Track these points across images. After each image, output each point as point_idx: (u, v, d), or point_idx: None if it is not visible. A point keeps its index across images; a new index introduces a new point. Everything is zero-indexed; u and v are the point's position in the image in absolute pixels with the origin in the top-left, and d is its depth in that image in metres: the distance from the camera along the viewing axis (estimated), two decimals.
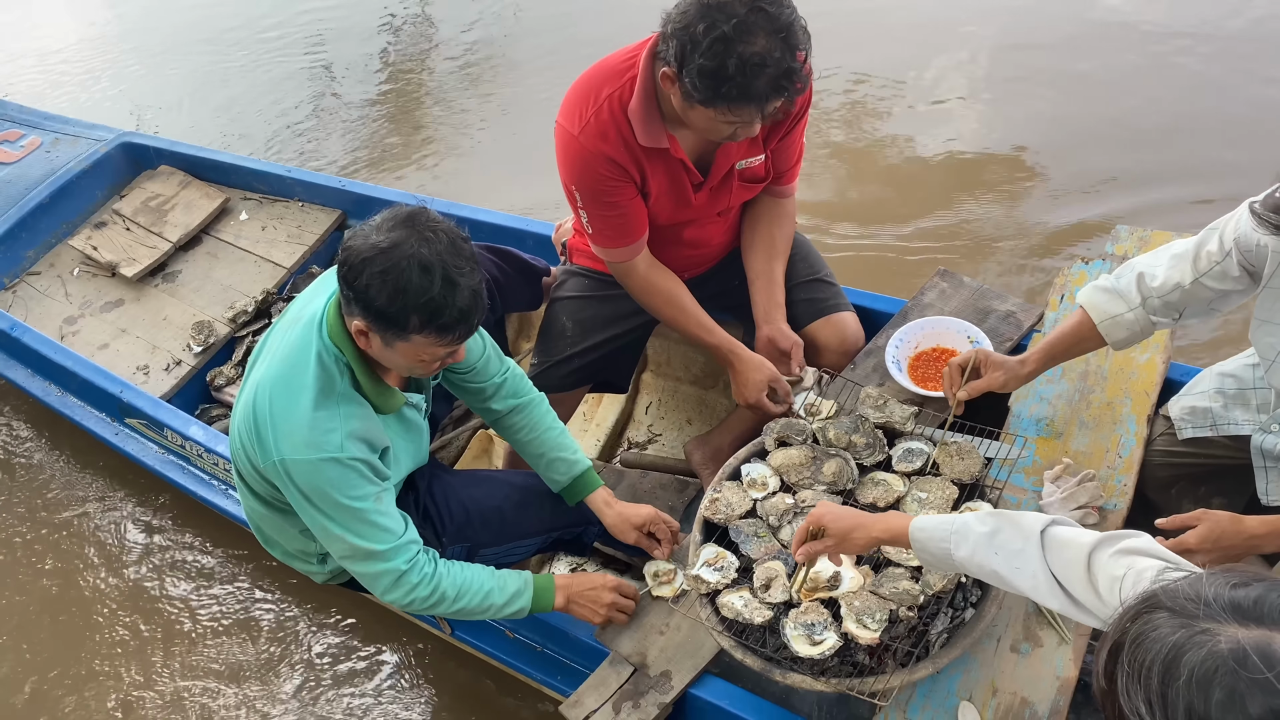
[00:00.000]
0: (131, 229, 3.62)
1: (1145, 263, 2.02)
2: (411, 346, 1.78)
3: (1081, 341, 2.08)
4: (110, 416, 3.11)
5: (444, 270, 1.70)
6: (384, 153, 5.01)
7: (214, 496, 2.90)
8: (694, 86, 1.95)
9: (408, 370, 1.90)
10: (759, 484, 2.11)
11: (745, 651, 1.87)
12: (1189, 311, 2.00)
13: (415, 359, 1.82)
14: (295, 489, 1.87)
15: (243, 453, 1.98)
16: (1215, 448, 2.15)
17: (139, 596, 3.10)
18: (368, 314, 1.74)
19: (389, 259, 1.69)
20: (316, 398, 1.83)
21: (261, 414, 1.86)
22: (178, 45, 6.11)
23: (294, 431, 1.82)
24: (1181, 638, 0.96)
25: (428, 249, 1.70)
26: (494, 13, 5.89)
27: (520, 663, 2.38)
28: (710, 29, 1.89)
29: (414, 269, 1.69)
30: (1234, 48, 4.54)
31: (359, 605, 2.97)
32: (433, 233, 1.73)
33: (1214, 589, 0.98)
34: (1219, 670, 0.93)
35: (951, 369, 2.13)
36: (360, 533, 1.89)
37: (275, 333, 2.00)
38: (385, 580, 1.95)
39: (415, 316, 1.72)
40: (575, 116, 2.20)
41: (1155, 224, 2.68)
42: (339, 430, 1.83)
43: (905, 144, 4.42)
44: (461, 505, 2.22)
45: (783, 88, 1.94)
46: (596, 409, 3.34)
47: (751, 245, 2.48)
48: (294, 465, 1.83)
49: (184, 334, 3.32)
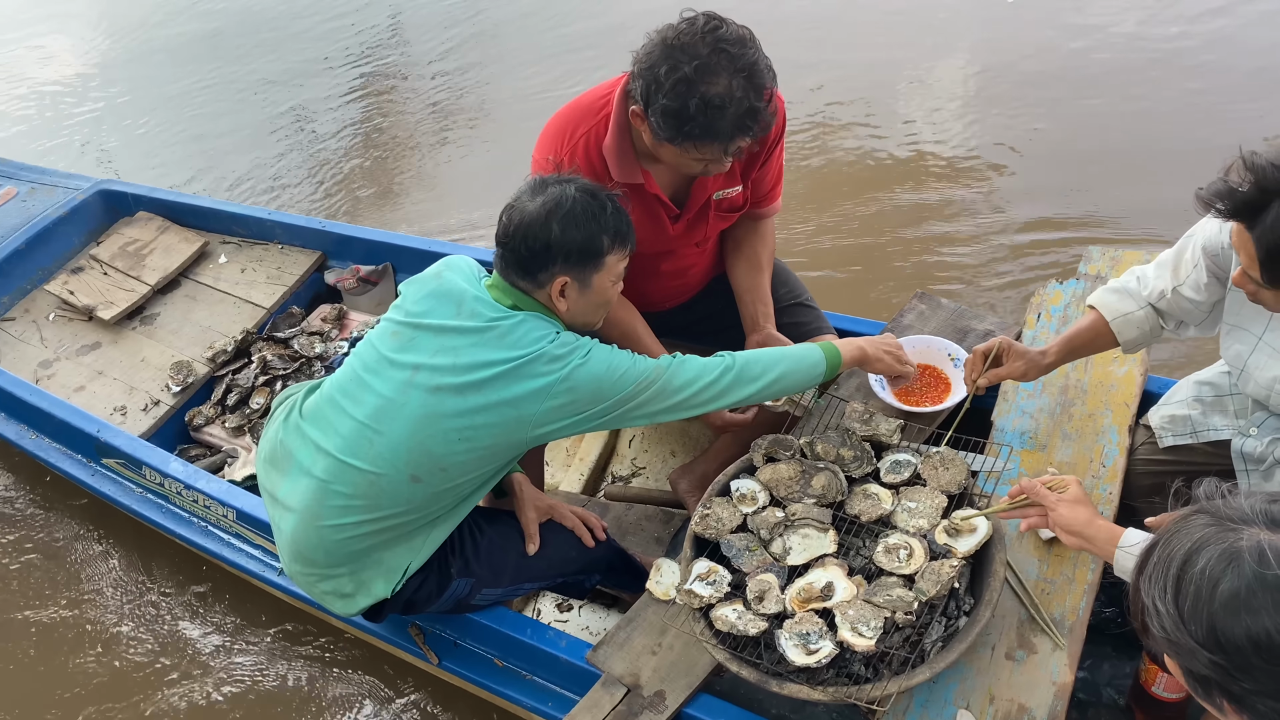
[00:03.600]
0: (109, 273, 3.61)
1: (1141, 269, 2.08)
2: (604, 273, 2.00)
3: (1097, 338, 2.12)
4: (86, 457, 3.06)
5: (604, 193, 1.99)
6: (360, 191, 5.04)
7: (194, 535, 2.85)
8: (659, 125, 2.00)
9: (599, 310, 2.09)
10: (749, 499, 2.10)
11: (741, 664, 1.85)
12: (1187, 322, 2.04)
13: (606, 286, 2.03)
14: (582, 386, 1.94)
15: (467, 430, 1.97)
16: (1196, 454, 2.18)
17: (114, 637, 3.03)
18: (568, 261, 1.95)
19: (563, 206, 1.94)
20: (545, 333, 1.96)
21: (521, 366, 1.92)
22: (142, 85, 6.15)
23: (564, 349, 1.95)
24: (1210, 534, 0.99)
25: (582, 185, 1.98)
26: (468, 43, 5.98)
27: (511, 691, 2.33)
28: (672, 70, 1.93)
29: (588, 200, 1.95)
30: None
31: (343, 644, 2.91)
32: (569, 180, 2.00)
33: (1253, 502, 1.02)
34: (1234, 563, 0.96)
35: (975, 355, 2.15)
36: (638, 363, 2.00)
37: (421, 342, 2.01)
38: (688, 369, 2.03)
39: (605, 237, 1.96)
40: (550, 153, 2.23)
41: (1128, 240, 2.73)
42: (582, 338, 2.00)
43: (873, 162, 4.50)
44: (474, 539, 2.22)
45: (746, 127, 1.98)
46: (579, 444, 3.33)
47: (735, 264, 2.51)
48: (580, 369, 1.93)
49: (162, 375, 3.29)
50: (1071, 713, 1.93)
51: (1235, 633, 0.97)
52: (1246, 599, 0.96)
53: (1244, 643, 0.97)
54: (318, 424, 2.09)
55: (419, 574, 2.13)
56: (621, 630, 2.12)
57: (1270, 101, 4.33)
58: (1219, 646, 0.99)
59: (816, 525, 2.02)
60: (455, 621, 2.38)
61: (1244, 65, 4.59)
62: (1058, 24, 5.13)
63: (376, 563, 2.10)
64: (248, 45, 6.35)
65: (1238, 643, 0.98)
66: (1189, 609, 0.99)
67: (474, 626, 2.34)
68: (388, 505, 2.03)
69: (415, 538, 2.10)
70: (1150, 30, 4.96)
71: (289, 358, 3.30)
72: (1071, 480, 1.79)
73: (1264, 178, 1.52)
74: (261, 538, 2.67)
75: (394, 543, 2.09)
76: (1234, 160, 1.56)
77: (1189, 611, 1.00)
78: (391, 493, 2.01)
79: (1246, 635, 0.97)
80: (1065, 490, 1.77)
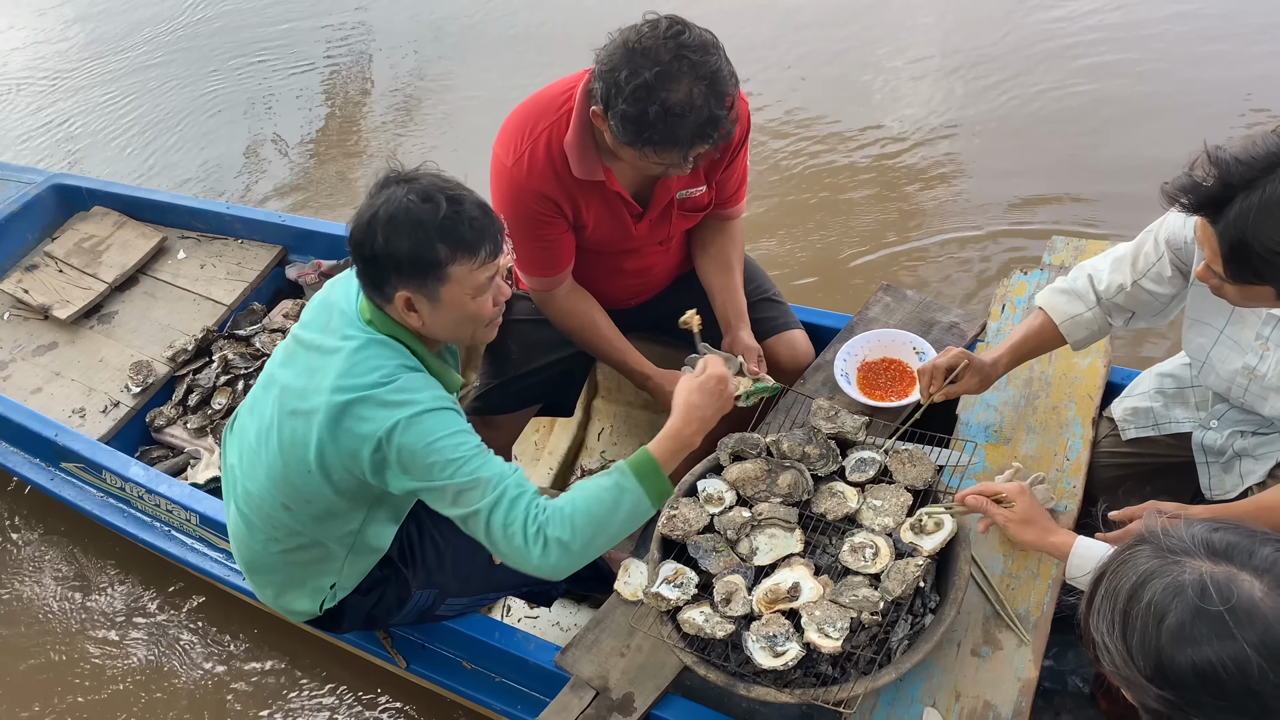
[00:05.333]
0: (64, 271, 3.53)
1: (1093, 265, 2.07)
2: (454, 286, 1.77)
3: (1045, 342, 2.13)
4: (45, 461, 3.00)
5: (444, 192, 1.75)
6: (320, 186, 4.97)
7: (156, 539, 2.81)
8: (619, 129, 1.97)
9: (465, 325, 1.86)
10: (715, 499, 2.10)
11: (708, 667, 1.85)
12: (1139, 314, 2.05)
13: (464, 302, 1.80)
14: (395, 457, 1.76)
15: (316, 464, 1.83)
16: (1158, 446, 2.20)
17: (73, 642, 2.99)
18: (401, 273, 1.74)
19: (391, 208, 1.73)
20: (396, 370, 1.80)
21: (347, 405, 1.76)
22: (87, 72, 6.02)
23: (385, 395, 1.76)
24: (1154, 566, 1.00)
25: (417, 186, 1.75)
26: (428, 37, 5.89)
27: (480, 694, 2.33)
28: (633, 75, 1.90)
29: (415, 203, 1.73)
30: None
31: (310, 648, 2.89)
32: (413, 178, 1.78)
33: (1194, 531, 1.02)
34: (1177, 598, 0.96)
35: (936, 369, 2.11)
36: (464, 469, 1.76)
37: (296, 359, 1.91)
38: (500, 512, 1.75)
39: (441, 245, 1.73)
40: (510, 148, 2.21)
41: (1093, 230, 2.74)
42: (426, 388, 1.80)
43: (840, 156, 4.49)
44: (436, 549, 2.18)
45: (707, 135, 1.96)
46: (549, 437, 3.32)
47: (705, 264, 2.49)
48: (395, 431, 1.74)
49: (121, 375, 3.23)
50: (1037, 701, 1.95)
51: (1181, 667, 0.98)
52: (1190, 633, 0.97)
53: (1190, 677, 0.98)
54: (237, 438, 2.06)
55: (371, 591, 2.09)
56: (590, 632, 2.12)
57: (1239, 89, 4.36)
58: (1167, 681, 0.99)
59: (783, 525, 2.02)
60: (423, 625, 2.36)
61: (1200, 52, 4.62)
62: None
63: (299, 582, 2.06)
64: (206, 34, 6.21)
65: (1184, 677, 0.98)
66: (1136, 644, 1.00)
67: (442, 630, 2.32)
68: (277, 530, 1.97)
69: (331, 561, 2.01)
70: (1108, 20, 4.97)
71: (251, 356, 3.25)
72: (1018, 493, 1.79)
73: (1228, 172, 1.52)
74: (225, 541, 2.64)
75: (311, 564, 2.02)
76: (1198, 155, 1.56)
77: (1136, 647, 1.00)
78: (273, 518, 1.95)
79: (1192, 669, 0.98)
80: (1013, 505, 1.78)
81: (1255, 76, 4.41)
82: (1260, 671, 0.96)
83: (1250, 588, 0.98)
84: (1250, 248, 1.52)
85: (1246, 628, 0.96)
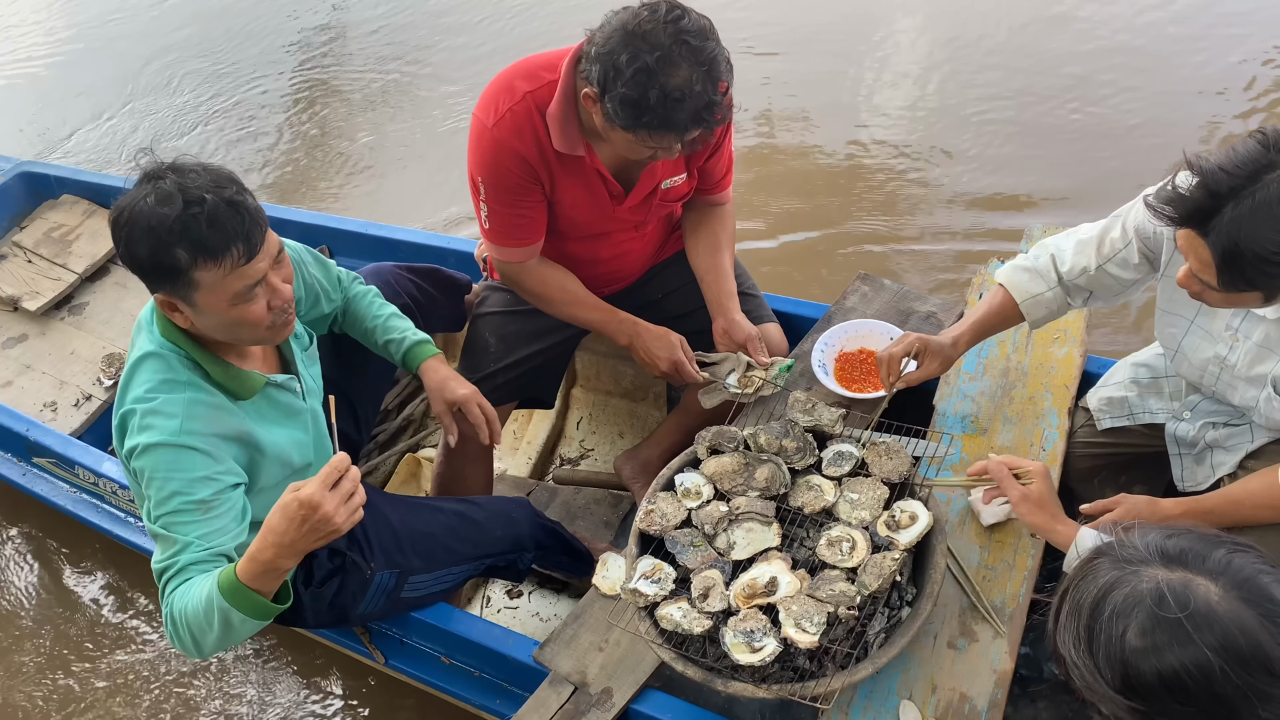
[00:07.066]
0: (33, 261, 3.48)
1: (1055, 244, 2.08)
2: (207, 293, 1.66)
3: (1006, 319, 2.14)
4: (17, 456, 2.97)
5: (187, 192, 1.62)
6: (294, 173, 4.91)
7: (132, 536, 2.78)
8: (615, 113, 1.97)
9: (238, 329, 1.75)
10: (693, 493, 2.09)
11: (686, 663, 1.85)
12: (1097, 295, 2.07)
13: (223, 309, 1.69)
14: (139, 475, 1.73)
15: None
16: (1133, 436, 2.21)
17: (49, 632, 2.97)
18: (147, 278, 1.67)
19: (131, 210, 1.63)
20: (157, 387, 1.73)
21: (119, 420, 1.77)
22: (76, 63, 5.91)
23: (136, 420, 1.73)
24: (1113, 578, 1.01)
25: (162, 186, 1.63)
26: (405, 24, 5.82)
27: (458, 689, 2.32)
28: (633, 59, 1.90)
29: (150, 206, 1.61)
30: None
31: (292, 640, 2.88)
32: (162, 174, 1.66)
33: (1149, 539, 1.03)
34: (1136, 608, 0.98)
35: (892, 358, 2.12)
36: (170, 526, 1.69)
37: None
38: (165, 579, 1.70)
39: (179, 250, 1.61)
40: (491, 109, 2.19)
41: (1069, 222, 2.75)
42: (177, 416, 1.71)
43: (815, 148, 4.48)
44: (391, 530, 2.17)
45: (703, 119, 1.97)
46: (527, 427, 3.31)
47: (695, 246, 2.49)
48: (134, 453, 1.72)
49: (93, 368, 3.19)
50: (1014, 689, 1.96)
51: (1147, 677, 0.99)
52: (1152, 641, 0.98)
53: (1156, 686, 0.99)
54: None
55: (326, 582, 2.07)
56: (568, 627, 2.12)
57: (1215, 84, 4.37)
58: (1134, 692, 1.00)
59: (760, 519, 2.02)
60: (400, 619, 2.35)
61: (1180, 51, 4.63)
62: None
63: None
64: (176, 22, 6.10)
65: (1150, 687, 0.99)
66: (1102, 658, 1.01)
67: (419, 624, 2.31)
68: None
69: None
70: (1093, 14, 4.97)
71: None
72: (1041, 474, 1.80)
73: (1213, 181, 1.50)
74: None
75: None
76: (1179, 165, 1.55)
77: (1103, 661, 1.01)
78: None
79: (1157, 678, 0.99)
80: (1030, 483, 1.79)
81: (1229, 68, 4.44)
82: (1223, 674, 0.97)
83: (1206, 592, 0.99)
84: (1244, 256, 1.51)
85: (1205, 631, 0.97)
